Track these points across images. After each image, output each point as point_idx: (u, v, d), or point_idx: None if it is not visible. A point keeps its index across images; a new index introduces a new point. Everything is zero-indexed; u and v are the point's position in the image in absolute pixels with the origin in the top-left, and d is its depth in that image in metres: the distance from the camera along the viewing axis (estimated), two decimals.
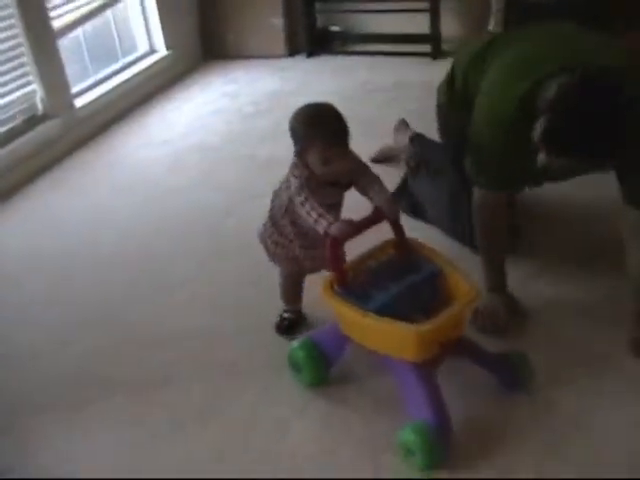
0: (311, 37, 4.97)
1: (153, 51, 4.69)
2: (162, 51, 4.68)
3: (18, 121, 3.58)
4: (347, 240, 1.84)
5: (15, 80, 3.54)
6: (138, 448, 1.94)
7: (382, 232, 1.96)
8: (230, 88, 4.53)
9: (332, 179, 1.97)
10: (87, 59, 4.16)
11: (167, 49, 4.68)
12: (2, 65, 3.47)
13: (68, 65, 3.85)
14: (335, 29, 5.06)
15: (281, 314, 2.30)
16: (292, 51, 5.00)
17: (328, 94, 4.20)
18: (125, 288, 2.63)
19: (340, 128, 1.93)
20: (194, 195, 3.25)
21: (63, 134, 3.75)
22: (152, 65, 4.56)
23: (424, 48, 4.72)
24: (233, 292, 2.53)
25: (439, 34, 4.71)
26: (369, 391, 2.02)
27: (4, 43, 3.47)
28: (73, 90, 3.92)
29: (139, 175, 3.52)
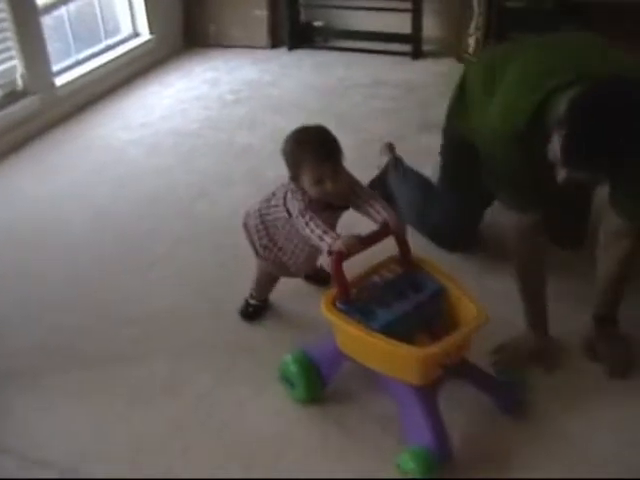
0: (294, 31, 5.00)
1: (136, 34, 4.70)
2: (145, 35, 4.70)
3: None
4: (353, 255, 1.79)
5: None
6: (98, 419, 2.00)
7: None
8: (210, 75, 4.57)
9: (327, 200, 1.96)
10: (70, 38, 4.18)
11: (150, 33, 4.70)
12: None
13: (50, 43, 3.87)
14: (318, 24, 5.08)
15: (247, 299, 2.35)
16: (274, 43, 5.03)
17: (306, 87, 4.30)
18: (96, 266, 2.67)
19: (330, 147, 1.93)
20: (169, 178, 3.30)
21: (42, 111, 3.77)
22: (134, 48, 4.58)
23: (405, 48, 4.77)
24: (202, 274, 2.59)
25: (420, 35, 4.77)
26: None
27: None
28: (54, 68, 3.94)
29: (116, 156, 3.55)
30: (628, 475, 1.75)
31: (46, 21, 3.86)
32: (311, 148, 1.91)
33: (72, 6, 4.16)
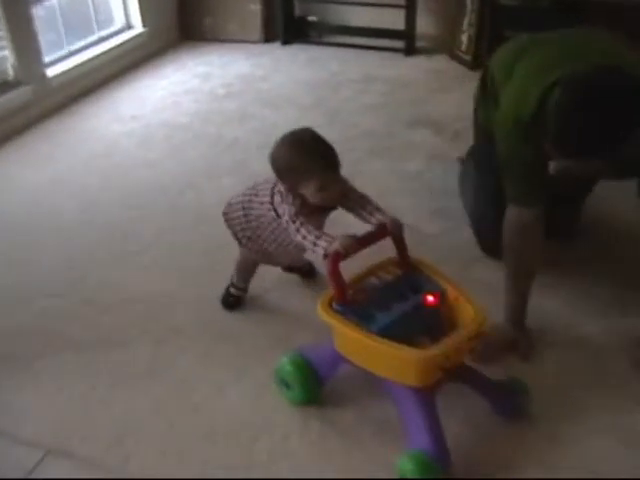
0: (288, 25, 5.03)
1: (129, 27, 4.73)
2: (138, 28, 4.72)
3: None
4: (350, 256, 1.75)
5: None
6: (83, 401, 2.02)
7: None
8: (203, 70, 4.59)
9: (326, 204, 1.95)
10: (62, 30, 4.19)
11: (143, 26, 4.72)
12: None
13: (42, 34, 3.88)
14: (312, 19, 5.11)
15: (228, 288, 2.37)
16: (268, 38, 5.06)
17: (297, 82, 4.32)
18: (84, 254, 2.69)
19: (333, 154, 1.90)
20: (158, 169, 3.32)
21: (33, 102, 3.79)
22: (127, 41, 4.60)
23: (398, 44, 4.80)
24: (186, 262, 2.61)
25: (414, 31, 4.79)
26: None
27: None
28: (46, 59, 3.96)
29: (107, 147, 3.57)
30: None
31: (37, 12, 3.87)
32: (315, 156, 1.87)
33: None
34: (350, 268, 1.80)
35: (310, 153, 1.88)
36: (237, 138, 3.58)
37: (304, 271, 2.47)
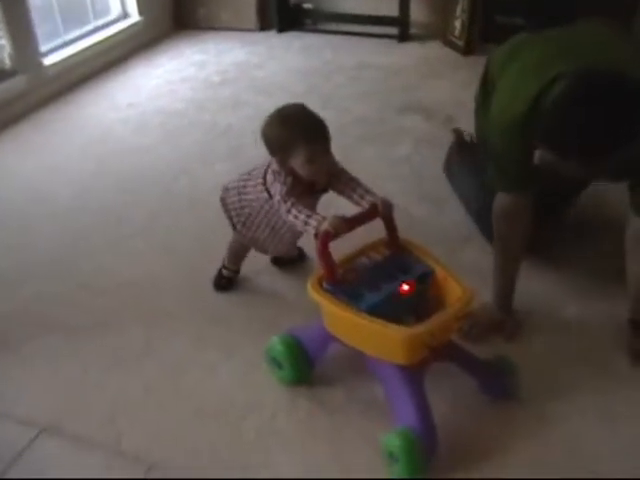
0: (283, 13, 5.05)
1: (125, 16, 4.75)
2: (134, 17, 4.75)
3: None
4: (339, 236, 1.77)
5: None
6: (77, 382, 2.07)
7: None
8: (199, 58, 4.62)
9: (314, 180, 1.97)
10: (58, 19, 4.22)
11: (139, 15, 4.75)
12: None
13: (38, 24, 3.91)
14: (307, 6, 5.13)
15: (220, 270, 2.42)
16: (263, 26, 5.08)
17: (292, 69, 4.36)
18: (78, 238, 2.74)
19: (320, 124, 1.93)
20: (153, 155, 3.37)
21: (30, 91, 3.83)
22: (123, 30, 4.63)
23: (392, 31, 4.82)
24: (179, 246, 2.67)
25: (408, 18, 4.82)
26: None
27: None
28: (42, 49, 3.99)
29: (103, 135, 3.61)
30: (610, 458, 1.78)
31: (34, 1, 3.90)
32: (302, 127, 1.92)
33: None
34: (341, 248, 1.83)
35: (297, 125, 1.93)
36: (231, 125, 3.63)
37: (293, 261, 2.51)
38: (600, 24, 2.09)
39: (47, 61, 4.00)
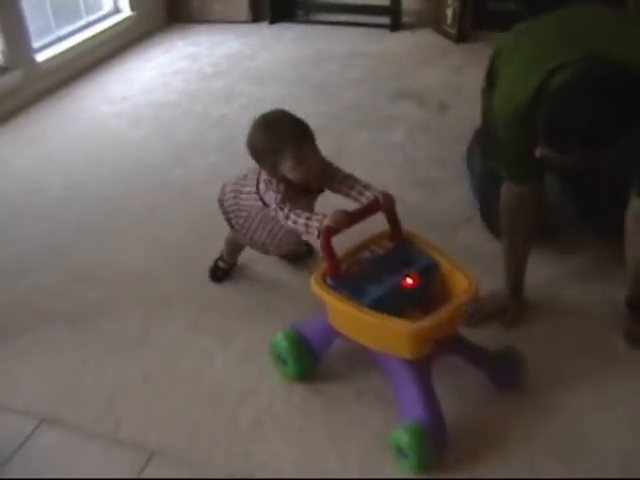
0: (275, 4, 5.05)
1: (117, 11, 4.75)
2: (126, 11, 4.75)
3: None
4: (342, 230, 1.76)
5: None
6: (73, 371, 2.09)
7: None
8: (191, 50, 4.63)
9: (307, 180, 1.97)
10: (50, 14, 4.23)
11: (131, 10, 4.75)
12: None
13: (31, 20, 3.92)
14: None
15: (217, 261, 2.43)
16: (255, 17, 5.08)
17: (284, 60, 4.37)
18: (74, 230, 2.76)
19: (303, 126, 1.94)
20: (147, 147, 3.38)
21: (23, 87, 3.83)
22: (116, 24, 4.63)
23: (384, 20, 4.82)
24: (174, 236, 2.68)
25: (400, 6, 4.82)
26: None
27: None
28: (35, 45, 4.00)
29: (97, 128, 3.63)
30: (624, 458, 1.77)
31: None
32: (286, 129, 1.92)
33: None
34: (343, 243, 1.82)
35: (279, 131, 1.93)
36: (225, 115, 3.64)
37: (301, 256, 2.50)
38: (597, 3, 2.06)
39: (40, 57, 4.00)
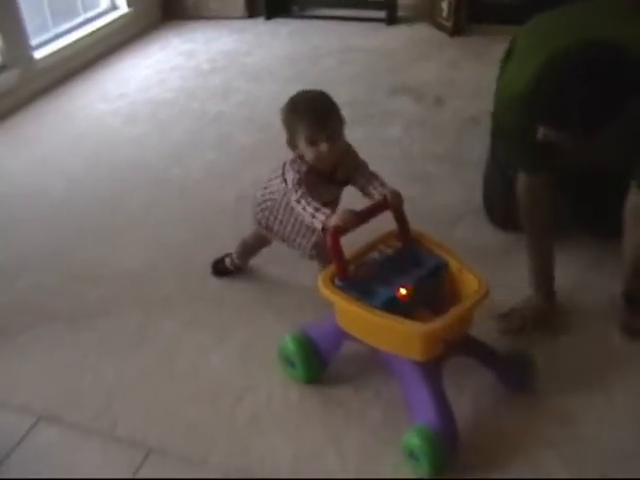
0: (270, 0, 5.06)
1: (114, 8, 4.77)
2: (123, 8, 4.77)
3: None
4: (350, 230, 1.75)
5: None
6: (72, 369, 2.11)
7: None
8: (188, 47, 4.64)
9: (323, 164, 1.94)
10: (47, 12, 4.24)
11: (128, 7, 4.76)
12: None
13: (28, 17, 3.93)
14: None
15: (224, 257, 2.41)
16: (251, 14, 5.10)
17: (280, 55, 4.38)
18: (73, 229, 2.77)
19: (324, 109, 1.92)
20: (145, 145, 3.39)
21: (21, 85, 3.85)
22: (112, 22, 4.65)
23: (380, 14, 4.84)
24: (172, 235, 2.69)
25: (395, 1, 4.84)
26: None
27: None
28: (32, 42, 4.01)
29: (94, 126, 3.64)
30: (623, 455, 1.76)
31: None
32: (305, 108, 1.92)
33: None
34: (351, 242, 1.81)
35: (301, 106, 1.94)
36: (222, 112, 3.65)
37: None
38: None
39: (37, 55, 4.02)
